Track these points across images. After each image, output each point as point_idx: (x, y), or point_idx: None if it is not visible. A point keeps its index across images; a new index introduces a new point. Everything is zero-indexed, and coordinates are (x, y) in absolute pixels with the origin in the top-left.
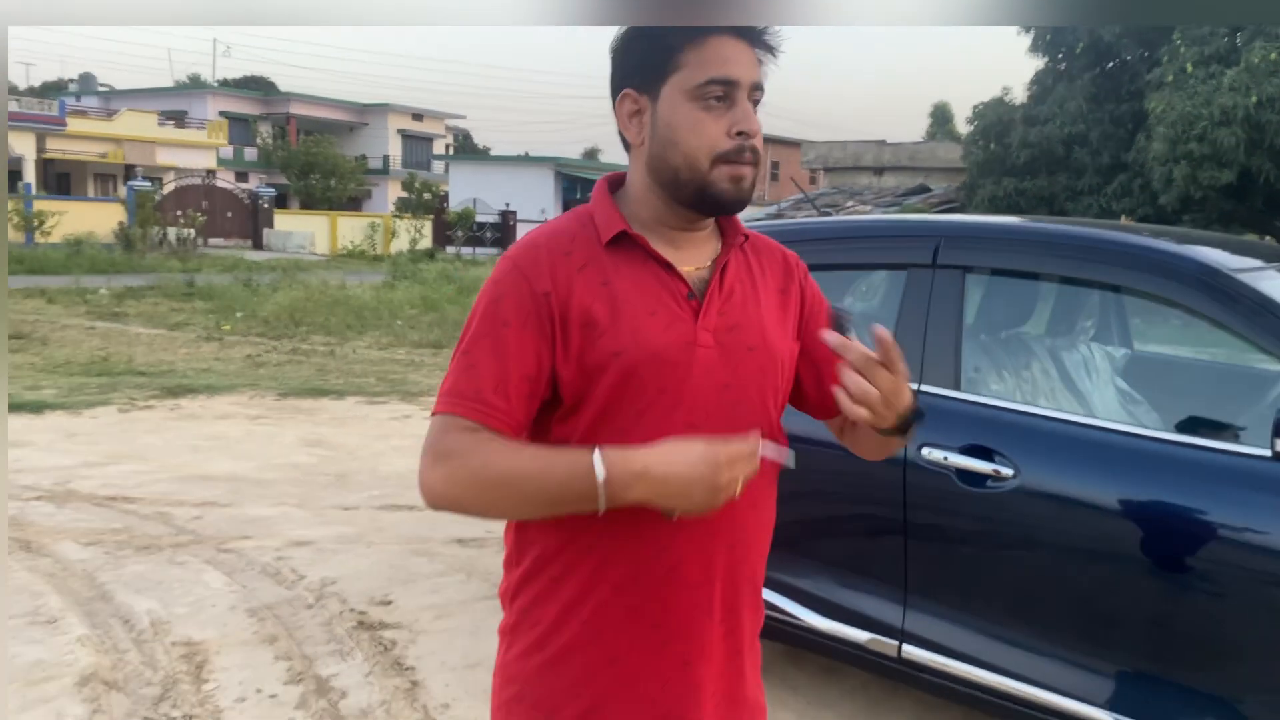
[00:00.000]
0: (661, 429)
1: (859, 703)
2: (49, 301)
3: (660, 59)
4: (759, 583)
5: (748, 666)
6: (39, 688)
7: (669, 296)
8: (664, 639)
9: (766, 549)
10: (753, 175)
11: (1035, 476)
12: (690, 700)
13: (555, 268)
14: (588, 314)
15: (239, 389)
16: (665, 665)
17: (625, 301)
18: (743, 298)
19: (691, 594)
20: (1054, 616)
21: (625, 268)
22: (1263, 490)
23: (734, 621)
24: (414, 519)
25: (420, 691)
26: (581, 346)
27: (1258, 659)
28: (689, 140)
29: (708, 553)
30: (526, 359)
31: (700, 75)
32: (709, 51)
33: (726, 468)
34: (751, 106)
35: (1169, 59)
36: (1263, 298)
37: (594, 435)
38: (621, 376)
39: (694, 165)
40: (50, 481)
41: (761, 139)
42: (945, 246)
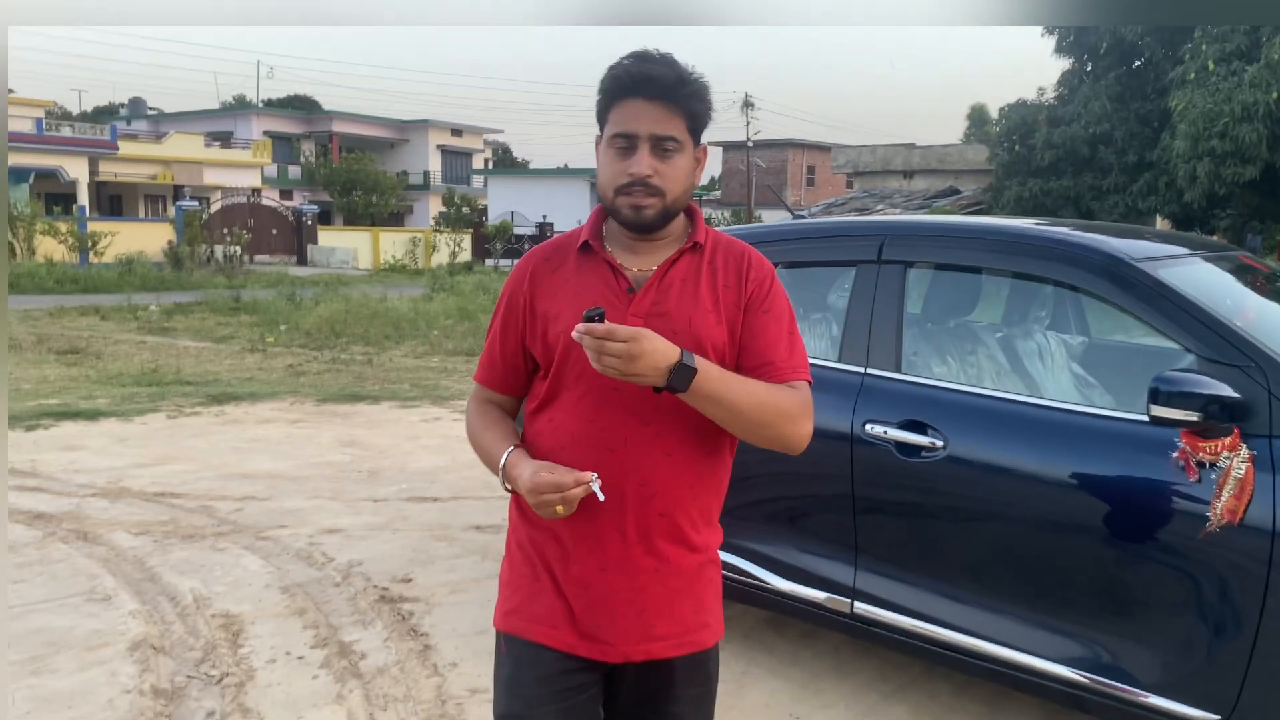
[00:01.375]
0: (592, 388)
1: (827, 662)
2: (102, 318)
3: (601, 114)
4: (684, 522)
5: (679, 586)
6: (95, 653)
7: (609, 290)
8: (587, 550)
9: (690, 492)
10: (657, 205)
11: (961, 446)
12: (606, 598)
13: (536, 271)
14: (548, 304)
15: (280, 396)
16: (588, 570)
17: (575, 294)
18: (680, 292)
19: (607, 516)
20: (983, 571)
21: (585, 269)
22: (1144, 450)
23: (652, 545)
24: (437, 509)
25: (432, 653)
26: (543, 327)
27: (1150, 602)
28: (601, 177)
29: (620, 487)
30: (509, 340)
31: (612, 130)
32: (619, 112)
33: (537, 498)
34: (654, 152)
35: (1191, 57)
36: (1159, 284)
37: (553, 391)
38: (566, 347)
39: (605, 196)
40: (104, 480)
41: (672, 174)
42: (889, 244)
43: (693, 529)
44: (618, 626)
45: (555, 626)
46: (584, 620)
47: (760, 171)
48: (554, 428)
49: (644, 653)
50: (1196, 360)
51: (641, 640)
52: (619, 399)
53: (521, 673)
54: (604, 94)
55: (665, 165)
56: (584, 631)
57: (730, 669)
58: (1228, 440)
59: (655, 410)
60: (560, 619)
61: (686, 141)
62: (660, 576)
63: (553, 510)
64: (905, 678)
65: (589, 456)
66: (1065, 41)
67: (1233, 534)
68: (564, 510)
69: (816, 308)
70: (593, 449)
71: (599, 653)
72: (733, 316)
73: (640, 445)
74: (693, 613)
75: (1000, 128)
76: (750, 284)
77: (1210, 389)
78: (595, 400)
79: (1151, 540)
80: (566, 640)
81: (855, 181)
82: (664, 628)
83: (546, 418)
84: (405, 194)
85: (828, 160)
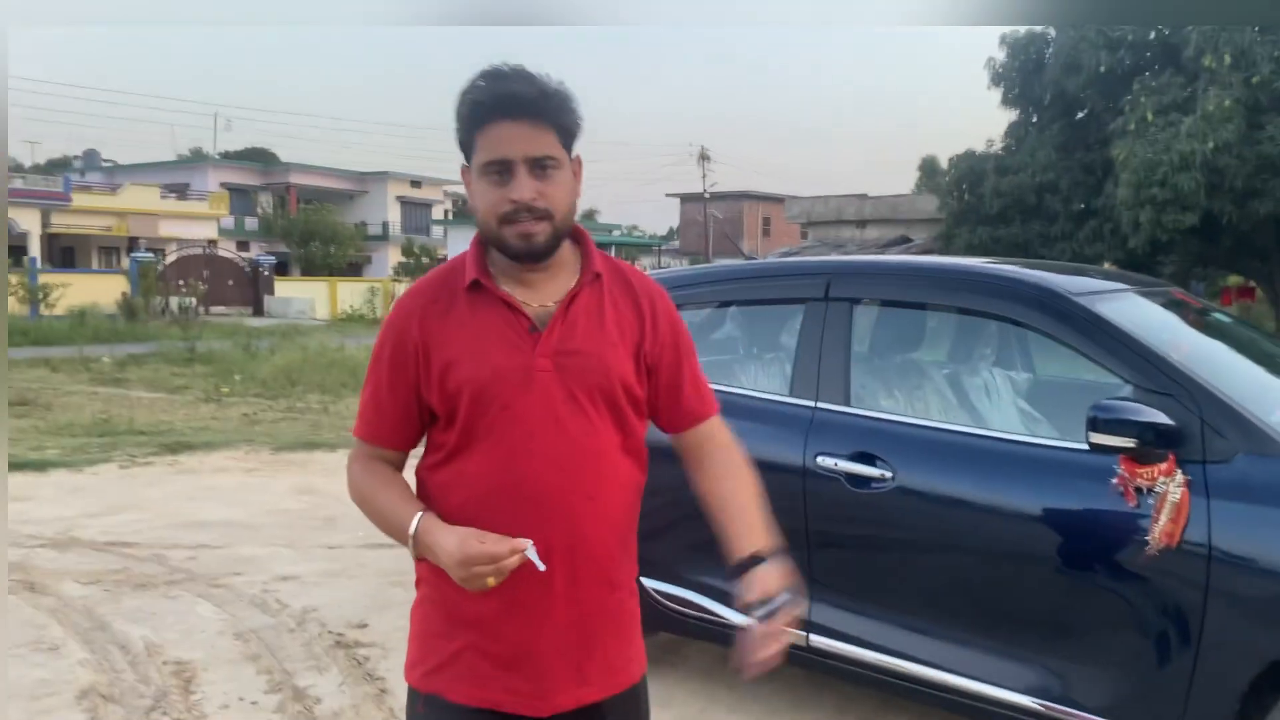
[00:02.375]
0: (507, 438)
1: (785, 698)
2: (52, 370)
3: (465, 144)
4: (607, 562)
5: (606, 630)
6: (41, 702)
7: (511, 331)
8: (510, 605)
9: (615, 534)
10: (546, 229)
11: (909, 476)
12: (536, 652)
13: (424, 315)
14: (445, 351)
15: (235, 445)
16: (513, 626)
17: (475, 337)
18: (586, 326)
19: (531, 571)
20: (935, 601)
21: (480, 309)
22: (1081, 477)
23: (579, 594)
24: (393, 555)
25: (388, 697)
26: (440, 376)
27: (1095, 626)
28: (480, 208)
29: (544, 536)
30: (398, 391)
31: (482, 158)
32: (487, 138)
33: (467, 570)
34: (533, 173)
35: (1130, 108)
36: (1096, 318)
37: (462, 443)
38: (472, 397)
39: (487, 227)
40: (53, 530)
41: (556, 193)
42: (835, 282)
43: (615, 567)
44: (547, 678)
45: (479, 686)
46: (511, 675)
47: (717, 222)
48: (465, 480)
49: (576, 700)
50: (1133, 390)
51: (572, 687)
52: (536, 446)
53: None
54: (464, 121)
55: (547, 185)
56: (511, 687)
57: (690, 706)
58: (1164, 465)
59: (574, 454)
60: (485, 676)
61: (562, 157)
62: (586, 621)
63: (483, 583)
64: (862, 710)
65: (507, 508)
66: (1011, 93)
67: (1171, 557)
68: (494, 582)
69: (769, 345)
70: (511, 500)
71: (528, 708)
72: (637, 349)
73: (562, 492)
74: (619, 651)
75: (950, 177)
76: (661, 321)
77: (1146, 416)
78: (510, 450)
79: (1094, 565)
80: (493, 698)
81: (809, 231)
82: (593, 671)
83: (454, 470)
84: (364, 244)
85: (782, 211)
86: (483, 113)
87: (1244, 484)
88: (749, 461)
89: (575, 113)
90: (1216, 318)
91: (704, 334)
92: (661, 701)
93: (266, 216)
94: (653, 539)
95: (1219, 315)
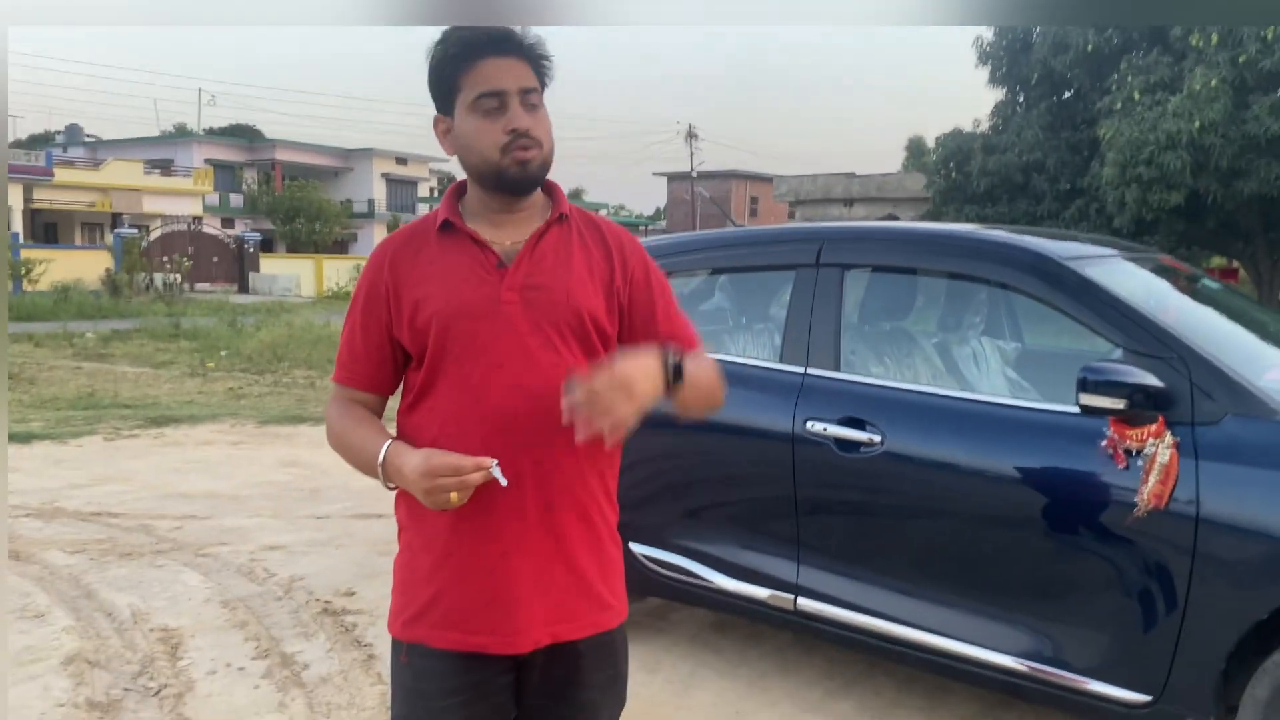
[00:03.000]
0: (476, 369)
1: (773, 661)
2: (36, 345)
3: (448, 87)
4: (582, 494)
5: (583, 564)
6: (27, 668)
7: (479, 266)
8: (485, 537)
9: (589, 465)
10: (538, 155)
11: (897, 441)
12: (512, 584)
13: (396, 258)
14: (415, 289)
15: (220, 418)
16: (488, 557)
17: (444, 274)
18: (554, 263)
19: (504, 498)
20: (922, 563)
21: (450, 248)
22: (1070, 440)
23: (553, 523)
24: (381, 525)
25: (376, 662)
26: (411, 313)
27: (1083, 588)
28: (477, 142)
29: (515, 467)
30: (371, 333)
31: (474, 92)
32: (478, 73)
33: (430, 482)
34: (524, 106)
35: (1117, 87)
36: (1086, 281)
37: (431, 378)
38: (440, 330)
39: (485, 160)
40: (38, 501)
41: (542, 126)
42: (827, 248)
43: (593, 504)
44: (524, 612)
45: (460, 628)
46: (490, 611)
47: (705, 201)
48: (436, 415)
49: (552, 635)
50: (1123, 353)
51: (549, 623)
52: (504, 376)
53: (424, 685)
54: (452, 61)
55: (535, 119)
56: (491, 626)
57: (678, 671)
58: (1153, 427)
59: (543, 384)
60: (465, 618)
61: (542, 96)
62: (563, 556)
63: (445, 498)
64: (849, 675)
65: (478, 438)
66: (999, 72)
67: (1159, 519)
68: (457, 499)
69: (759, 312)
70: (482, 431)
71: (508, 645)
72: (608, 286)
73: (532, 421)
74: (597, 592)
75: (937, 156)
76: (631, 259)
77: (1136, 378)
78: (480, 380)
79: (1082, 527)
80: (475, 640)
81: (797, 210)
82: (571, 607)
83: (427, 407)
84: (349, 222)
85: (770, 191)
86: (472, 50)
87: (1232, 446)
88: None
89: (550, 59)
90: (1205, 284)
91: (694, 302)
92: (650, 666)
93: (251, 193)
94: (642, 505)
95: (1207, 282)
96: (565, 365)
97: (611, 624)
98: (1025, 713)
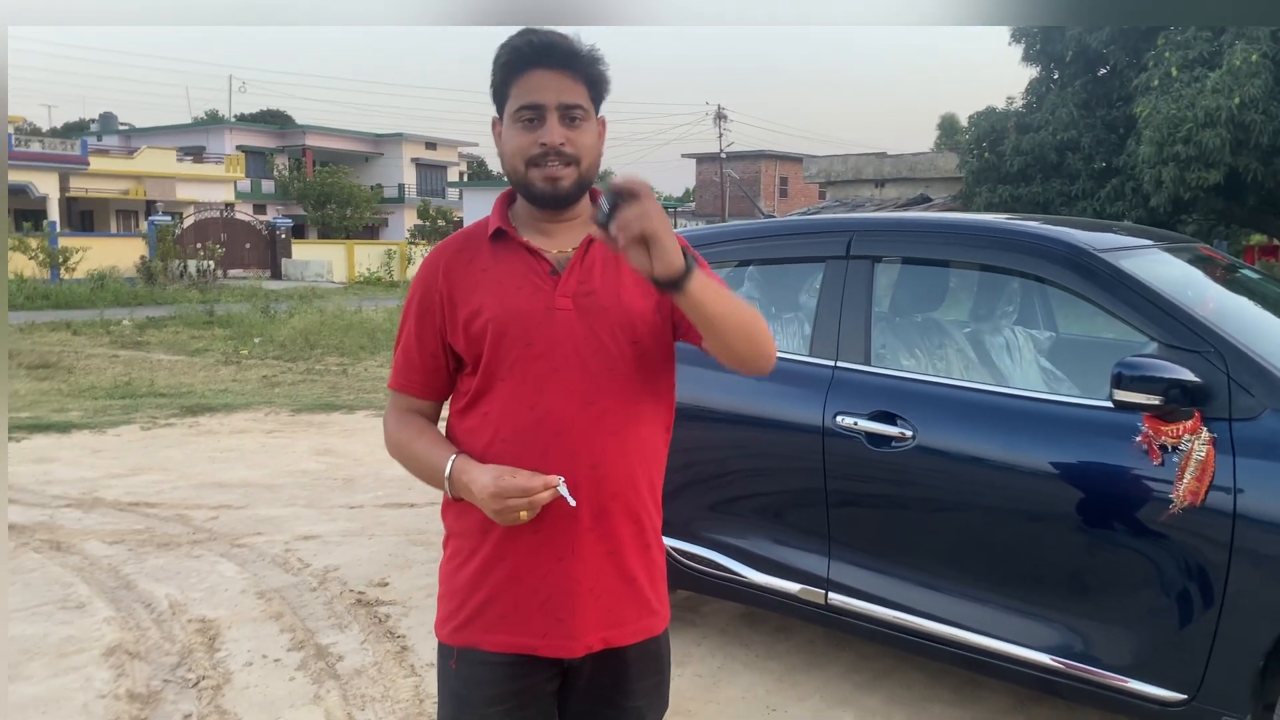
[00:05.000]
0: (530, 376)
1: (802, 655)
2: (74, 334)
3: (500, 93)
4: (633, 499)
5: (634, 568)
6: (69, 659)
7: (533, 274)
8: (540, 541)
9: (640, 470)
10: (572, 174)
11: (930, 435)
12: (566, 588)
13: (450, 265)
14: (470, 297)
15: (254, 407)
16: (542, 561)
17: (498, 281)
18: (603, 270)
19: (558, 503)
20: (954, 559)
21: (503, 256)
22: (1105, 435)
23: (606, 528)
24: (414, 514)
25: (409, 654)
26: (466, 320)
27: (1117, 585)
28: (508, 151)
29: (570, 471)
30: (425, 341)
31: (516, 103)
32: (523, 84)
33: (500, 504)
34: (563, 122)
35: (1155, 64)
36: (1121, 274)
37: (486, 385)
38: (495, 337)
39: (515, 169)
40: (77, 491)
41: (584, 141)
42: (857, 240)
43: (643, 509)
44: (578, 617)
45: (512, 632)
46: (544, 615)
47: (734, 183)
48: (490, 421)
49: (603, 641)
50: (1159, 347)
51: (601, 628)
52: (559, 382)
53: (472, 691)
54: (502, 69)
55: (575, 133)
56: (544, 629)
57: (707, 664)
58: (1189, 424)
59: (597, 390)
60: (516, 621)
61: (590, 110)
62: (615, 560)
63: (515, 517)
64: (879, 668)
65: (533, 445)
66: (1032, 50)
67: (1195, 516)
68: (527, 516)
69: (788, 304)
70: (536, 436)
71: (560, 649)
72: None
73: (586, 427)
74: (646, 598)
75: (970, 135)
76: None
77: (1171, 373)
78: (534, 387)
79: (1117, 523)
80: (526, 643)
81: (827, 191)
82: (621, 613)
83: (480, 413)
84: (380, 207)
85: (800, 171)
86: (522, 60)
87: (1271, 441)
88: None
89: (605, 73)
90: (1244, 274)
91: None
92: (679, 659)
93: (283, 179)
94: (672, 499)
95: (1247, 272)
96: (619, 372)
97: (658, 629)
98: (1058, 708)
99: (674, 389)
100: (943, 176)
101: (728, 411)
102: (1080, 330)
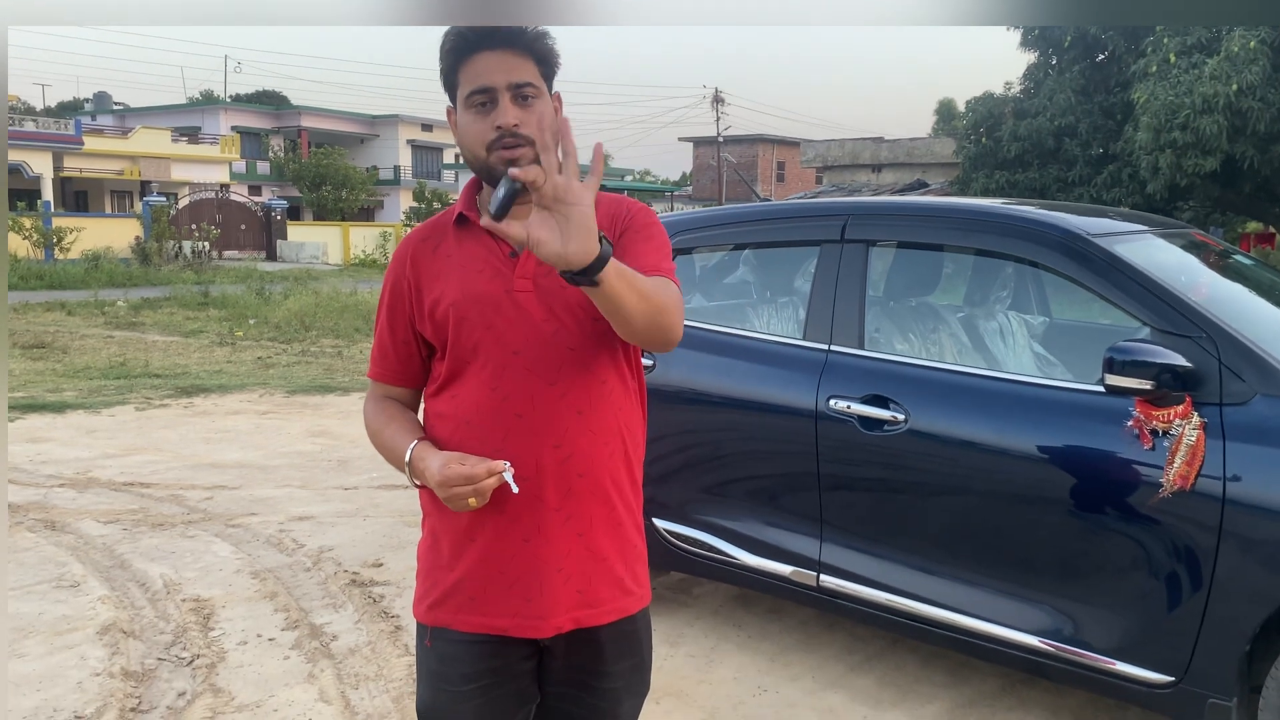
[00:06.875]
0: (493, 358)
1: (795, 636)
2: (68, 314)
3: (450, 80)
4: (604, 478)
5: (605, 549)
6: (64, 637)
7: (493, 257)
8: (507, 523)
9: (609, 449)
10: (528, 154)
11: (922, 419)
12: (534, 569)
13: (416, 254)
14: (434, 283)
15: (249, 388)
16: (511, 543)
17: (461, 267)
18: None
19: (524, 486)
20: (946, 542)
21: (465, 241)
22: (1096, 419)
23: (574, 508)
24: (408, 496)
25: (403, 634)
26: (431, 306)
27: (1107, 568)
28: (467, 138)
29: (534, 452)
30: (397, 329)
31: (467, 88)
32: (470, 68)
33: (448, 491)
34: (515, 101)
35: (1153, 50)
36: (1114, 258)
37: (453, 369)
38: (458, 321)
39: (475, 155)
40: (72, 471)
41: (540, 121)
42: (852, 223)
43: (614, 488)
44: (547, 597)
45: (483, 612)
46: (513, 595)
47: (731, 167)
48: (456, 404)
49: (574, 621)
50: (1151, 332)
51: (572, 608)
52: (520, 363)
53: (447, 669)
54: (449, 55)
55: (528, 113)
56: (514, 609)
57: (700, 644)
58: (1180, 408)
59: (559, 370)
60: (488, 602)
61: (542, 87)
62: (585, 540)
63: (465, 504)
64: (871, 650)
65: (496, 427)
66: (1030, 36)
67: (1185, 500)
68: (476, 503)
69: (782, 288)
70: (499, 418)
71: (530, 629)
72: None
73: (548, 406)
74: (619, 577)
75: (967, 121)
76: (625, 218)
77: (1163, 358)
78: (495, 369)
79: (1107, 507)
80: (496, 624)
81: (824, 175)
82: (593, 593)
83: (449, 395)
84: (375, 189)
85: (797, 156)
86: (467, 45)
87: (1261, 426)
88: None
89: (553, 47)
90: (1237, 260)
91: (718, 277)
92: (672, 640)
93: (278, 160)
94: (664, 481)
95: (1239, 258)
96: (581, 351)
97: (634, 609)
98: (1048, 690)
99: (642, 366)
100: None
101: (721, 394)
102: (1074, 315)
